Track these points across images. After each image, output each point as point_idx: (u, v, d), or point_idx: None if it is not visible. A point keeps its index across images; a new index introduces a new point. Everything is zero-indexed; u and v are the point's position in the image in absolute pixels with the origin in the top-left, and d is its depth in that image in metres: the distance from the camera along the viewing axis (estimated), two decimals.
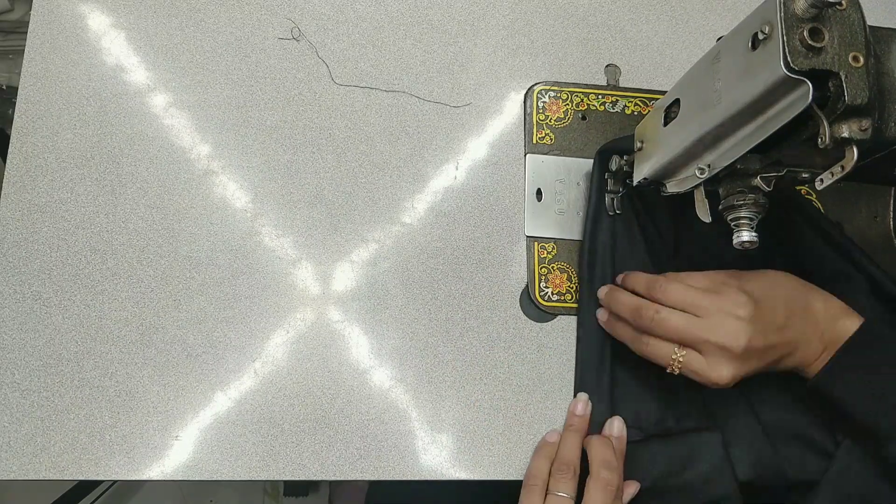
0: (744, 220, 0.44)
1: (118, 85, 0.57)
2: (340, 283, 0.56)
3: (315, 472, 0.52)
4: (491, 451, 0.53)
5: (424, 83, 0.61)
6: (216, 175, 0.56)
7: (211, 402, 0.52)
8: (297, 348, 0.54)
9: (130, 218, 0.55)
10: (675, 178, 0.49)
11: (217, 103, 0.58)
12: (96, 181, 0.55)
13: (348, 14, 0.62)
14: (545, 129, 0.61)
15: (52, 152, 0.55)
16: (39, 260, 0.53)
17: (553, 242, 0.58)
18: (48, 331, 0.52)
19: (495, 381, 0.55)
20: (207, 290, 0.54)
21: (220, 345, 0.53)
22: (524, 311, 0.57)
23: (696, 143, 0.44)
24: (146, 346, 0.52)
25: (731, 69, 0.41)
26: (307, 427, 0.52)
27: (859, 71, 0.36)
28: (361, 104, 0.60)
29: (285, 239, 0.56)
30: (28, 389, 0.50)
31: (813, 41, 0.35)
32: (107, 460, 0.50)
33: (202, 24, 0.59)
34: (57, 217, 0.54)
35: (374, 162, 0.59)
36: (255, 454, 0.51)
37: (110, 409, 0.51)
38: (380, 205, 0.58)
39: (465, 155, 0.60)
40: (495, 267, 0.58)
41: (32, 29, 0.57)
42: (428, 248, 0.57)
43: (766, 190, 0.43)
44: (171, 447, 0.50)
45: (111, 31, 0.58)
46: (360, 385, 0.54)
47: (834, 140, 0.37)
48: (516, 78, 0.62)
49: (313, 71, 0.60)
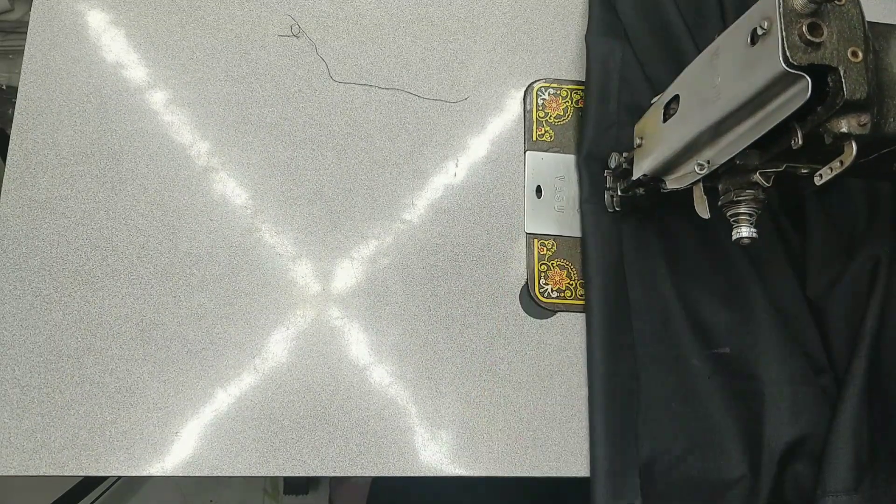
0: (743, 216, 0.44)
1: (118, 82, 0.57)
2: (340, 280, 0.56)
3: (315, 469, 0.52)
4: (490, 448, 0.53)
5: (424, 80, 0.61)
6: (216, 172, 0.57)
7: (211, 398, 0.52)
8: (297, 345, 0.54)
9: (130, 214, 0.55)
10: (675, 175, 0.49)
11: (217, 100, 0.58)
12: (96, 178, 0.55)
13: (348, 11, 0.62)
14: (545, 126, 0.61)
15: (53, 149, 0.55)
16: (40, 256, 0.53)
17: (553, 239, 0.58)
18: (48, 327, 0.52)
19: (495, 378, 0.55)
20: (207, 287, 0.54)
21: (220, 341, 0.53)
22: (524, 307, 0.57)
23: (695, 139, 0.44)
24: (146, 343, 0.52)
25: (730, 65, 0.41)
26: (307, 423, 0.52)
27: (858, 66, 0.36)
28: (361, 101, 0.60)
29: (285, 235, 0.56)
30: (28, 385, 0.51)
31: (812, 36, 0.35)
32: (107, 456, 0.50)
33: (202, 21, 0.60)
34: (57, 213, 0.54)
35: (373, 159, 0.59)
36: (255, 450, 0.51)
37: (110, 406, 0.51)
38: (379, 202, 0.58)
39: (464, 152, 0.60)
40: (495, 264, 0.58)
41: (32, 26, 0.57)
42: (428, 244, 0.57)
43: (766, 186, 0.43)
44: (171, 443, 0.50)
45: (111, 29, 0.58)
46: (360, 381, 0.54)
47: (833, 135, 0.37)
48: (516, 75, 0.62)
49: (313, 68, 0.60)
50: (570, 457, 0.54)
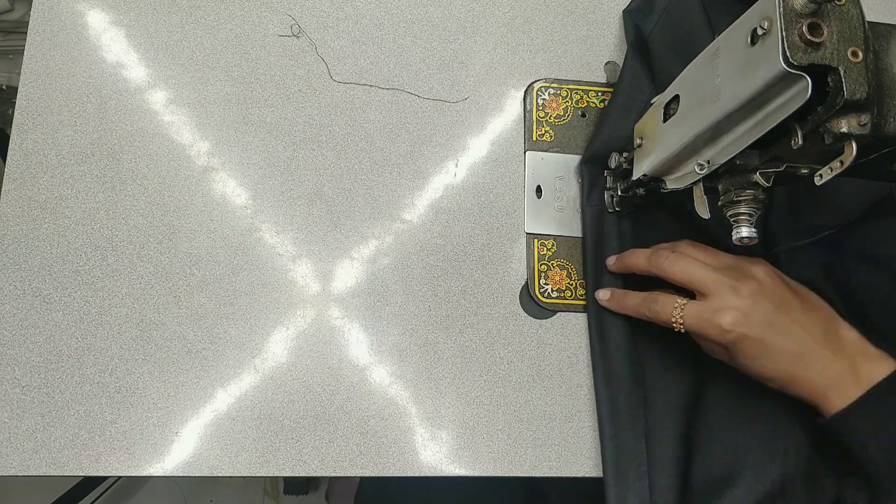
0: (743, 216, 0.44)
1: (118, 82, 0.57)
2: (340, 280, 0.56)
3: (315, 469, 0.52)
4: (490, 448, 0.53)
5: (424, 80, 0.61)
6: (216, 172, 0.57)
7: (211, 398, 0.52)
8: (297, 345, 0.54)
9: (130, 214, 0.55)
10: (675, 175, 0.49)
11: (217, 100, 0.58)
12: (96, 178, 0.55)
13: (348, 11, 0.62)
14: (545, 126, 0.61)
15: (53, 149, 0.55)
16: (40, 256, 0.53)
17: (553, 239, 0.58)
18: (48, 327, 0.52)
19: (495, 378, 0.55)
20: (207, 287, 0.54)
21: (220, 341, 0.53)
22: (524, 307, 0.57)
23: (695, 139, 0.44)
24: (146, 343, 0.52)
25: (730, 65, 0.41)
26: (307, 423, 0.52)
27: (858, 66, 0.36)
28: (361, 101, 0.60)
29: (285, 235, 0.56)
30: (28, 385, 0.51)
31: (812, 36, 0.35)
32: (107, 456, 0.50)
33: (202, 21, 0.60)
34: (57, 213, 0.54)
35: (373, 159, 0.59)
36: (255, 450, 0.51)
37: (110, 406, 0.51)
38: (379, 202, 0.58)
39: (464, 152, 0.60)
40: (495, 264, 0.58)
41: (33, 25, 0.57)
42: (428, 244, 0.57)
43: (766, 186, 0.43)
44: (171, 443, 0.51)
45: (111, 29, 0.58)
46: (360, 381, 0.54)
47: (833, 135, 0.37)
48: (516, 75, 0.62)
49: (313, 68, 0.60)
50: (570, 457, 0.54)
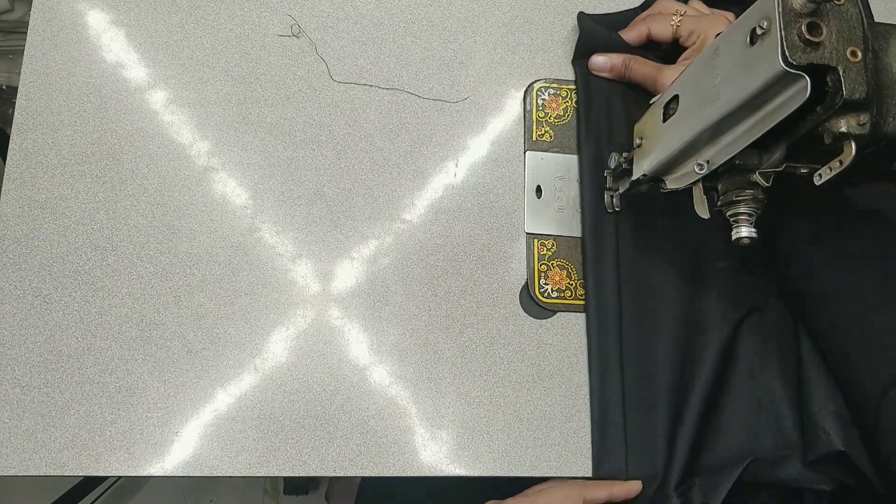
0: (742, 216, 0.44)
1: (118, 82, 0.57)
2: (340, 280, 0.56)
3: (315, 469, 0.52)
4: (490, 448, 0.53)
5: (424, 80, 0.61)
6: (216, 172, 0.57)
7: (211, 398, 0.52)
8: (297, 345, 0.54)
9: (130, 214, 0.55)
10: (675, 175, 0.49)
11: (217, 100, 0.58)
12: (96, 178, 0.55)
13: (348, 11, 0.62)
14: (545, 126, 0.61)
15: (53, 149, 0.55)
16: (40, 256, 0.53)
17: (553, 239, 0.58)
18: (48, 327, 0.52)
19: (495, 378, 0.55)
20: (207, 287, 0.54)
21: (220, 341, 0.53)
22: (524, 307, 0.57)
23: (694, 139, 0.44)
24: (146, 343, 0.52)
25: (729, 64, 0.41)
26: (307, 423, 0.52)
27: (857, 66, 0.36)
28: (361, 101, 0.60)
29: (285, 235, 0.56)
30: (28, 385, 0.51)
31: (811, 36, 0.35)
32: (107, 456, 0.50)
33: (202, 21, 0.60)
34: (57, 213, 0.54)
35: (373, 159, 0.59)
36: (255, 450, 0.51)
37: (110, 406, 0.51)
38: (379, 202, 0.58)
39: (464, 152, 0.60)
40: (495, 264, 0.58)
41: (33, 25, 0.57)
42: (428, 244, 0.57)
43: (765, 185, 0.43)
44: (171, 443, 0.51)
45: (111, 29, 0.58)
46: (360, 381, 0.54)
47: (832, 135, 0.37)
48: (516, 75, 0.62)
49: (314, 68, 0.60)
50: (570, 457, 0.54)
